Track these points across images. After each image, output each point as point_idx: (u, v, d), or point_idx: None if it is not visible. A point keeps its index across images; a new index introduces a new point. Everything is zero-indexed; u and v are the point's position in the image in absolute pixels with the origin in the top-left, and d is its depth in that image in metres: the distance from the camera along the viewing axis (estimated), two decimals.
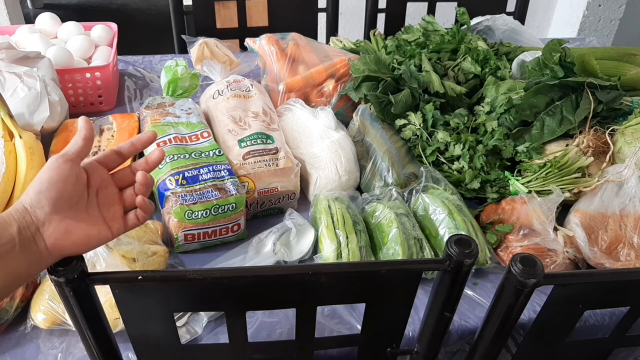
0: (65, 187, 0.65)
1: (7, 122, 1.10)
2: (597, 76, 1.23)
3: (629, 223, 1.03)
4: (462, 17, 1.54)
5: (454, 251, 0.67)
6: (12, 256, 0.62)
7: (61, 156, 0.66)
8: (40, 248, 0.64)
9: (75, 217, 0.66)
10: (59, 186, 0.64)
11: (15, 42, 1.40)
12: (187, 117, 1.17)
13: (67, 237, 0.65)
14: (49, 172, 0.65)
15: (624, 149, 1.15)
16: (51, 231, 0.64)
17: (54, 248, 0.64)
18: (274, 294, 0.73)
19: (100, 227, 0.69)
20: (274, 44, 1.37)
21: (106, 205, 0.70)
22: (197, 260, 1.03)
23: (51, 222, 0.64)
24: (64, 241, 0.65)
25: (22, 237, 0.62)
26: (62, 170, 0.65)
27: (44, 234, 0.64)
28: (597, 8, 2.76)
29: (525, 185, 1.12)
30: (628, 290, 0.78)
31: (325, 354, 0.90)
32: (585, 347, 0.92)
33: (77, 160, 0.67)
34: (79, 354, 0.86)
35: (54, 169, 0.65)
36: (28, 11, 3.48)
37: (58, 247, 0.65)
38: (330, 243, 0.98)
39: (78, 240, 0.66)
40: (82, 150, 0.68)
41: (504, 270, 0.70)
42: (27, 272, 0.65)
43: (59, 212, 0.65)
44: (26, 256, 0.63)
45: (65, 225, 0.65)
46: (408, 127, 1.23)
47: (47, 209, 0.64)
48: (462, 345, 0.97)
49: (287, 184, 1.11)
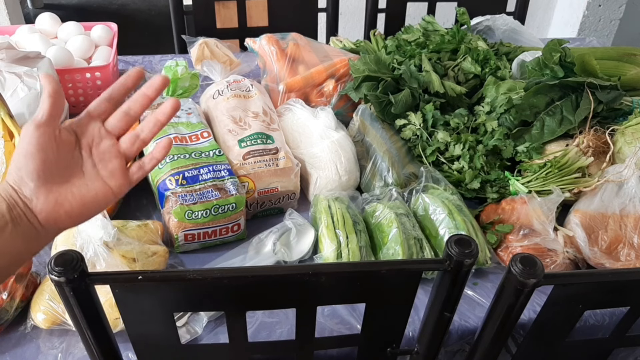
0: (44, 156, 0.59)
1: (7, 122, 1.10)
2: (597, 76, 1.23)
3: (629, 223, 1.03)
4: (462, 17, 1.54)
5: (454, 251, 0.67)
6: (6, 234, 0.58)
7: (30, 123, 0.59)
8: (34, 224, 0.60)
9: (66, 184, 0.61)
10: (36, 157, 0.59)
11: (15, 42, 1.40)
12: (187, 117, 1.17)
13: (59, 209, 0.61)
14: (23, 145, 0.59)
15: (624, 149, 1.15)
16: (40, 206, 0.60)
17: (47, 222, 0.60)
18: (274, 294, 0.73)
19: (98, 187, 0.62)
20: (274, 44, 1.37)
21: (103, 162, 0.63)
22: (197, 260, 1.03)
23: (38, 196, 0.60)
24: (56, 214, 0.61)
25: (12, 214, 0.59)
26: (35, 138, 0.59)
27: (33, 210, 0.60)
28: (597, 8, 2.76)
29: (525, 185, 1.12)
30: (628, 290, 0.78)
31: (325, 354, 0.90)
32: (585, 347, 0.92)
33: (50, 122, 0.60)
34: (79, 354, 0.86)
35: (26, 140, 0.59)
36: (28, 11, 3.48)
37: (51, 220, 0.61)
38: (330, 243, 0.98)
39: (72, 209, 0.61)
40: (52, 109, 0.60)
41: (504, 270, 0.70)
42: (26, 249, 0.61)
43: (45, 184, 0.60)
44: (21, 233, 0.59)
45: (54, 197, 0.60)
46: (408, 127, 1.23)
47: (32, 184, 0.59)
48: (462, 345, 0.97)
49: (287, 184, 1.11)
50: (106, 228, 0.89)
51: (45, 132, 0.59)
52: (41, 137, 0.59)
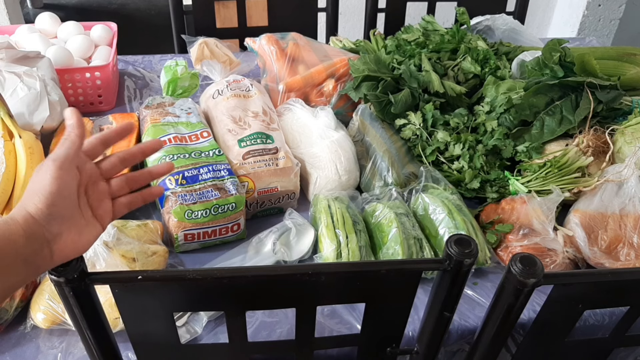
0: (72, 195, 0.61)
1: (7, 121, 1.10)
2: (597, 76, 1.22)
3: (629, 223, 1.03)
4: (462, 16, 1.54)
5: (453, 251, 0.67)
6: (12, 270, 0.58)
7: (65, 160, 0.61)
8: (45, 260, 0.61)
9: (77, 223, 0.63)
10: (67, 196, 0.61)
11: (15, 42, 1.40)
12: (186, 116, 1.17)
13: (73, 247, 0.62)
14: (58, 182, 0.60)
15: (623, 149, 1.15)
16: (61, 245, 0.61)
17: (59, 258, 0.62)
18: (274, 293, 0.73)
19: (94, 225, 0.65)
20: (274, 44, 1.37)
21: (97, 202, 0.66)
22: (197, 260, 1.03)
23: (62, 235, 0.61)
24: (69, 251, 0.62)
25: (27, 250, 0.58)
26: (68, 177, 0.61)
27: (52, 247, 0.60)
28: (597, 8, 2.76)
29: (525, 185, 1.12)
30: (628, 290, 0.78)
31: (325, 354, 0.90)
32: (585, 347, 0.92)
33: (76, 162, 0.63)
34: (79, 354, 0.86)
35: (61, 178, 0.60)
36: (28, 11, 3.48)
37: (63, 257, 0.62)
38: (330, 243, 0.98)
39: (82, 246, 0.64)
40: (79, 148, 0.64)
41: (504, 270, 0.70)
42: (23, 280, 0.61)
43: (67, 223, 0.61)
44: (28, 268, 0.59)
45: (72, 235, 0.62)
46: (408, 126, 1.23)
47: (58, 223, 0.60)
48: (462, 345, 0.97)
49: (287, 183, 1.11)
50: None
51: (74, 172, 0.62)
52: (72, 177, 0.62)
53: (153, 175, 0.74)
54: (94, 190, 0.66)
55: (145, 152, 0.73)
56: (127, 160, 0.70)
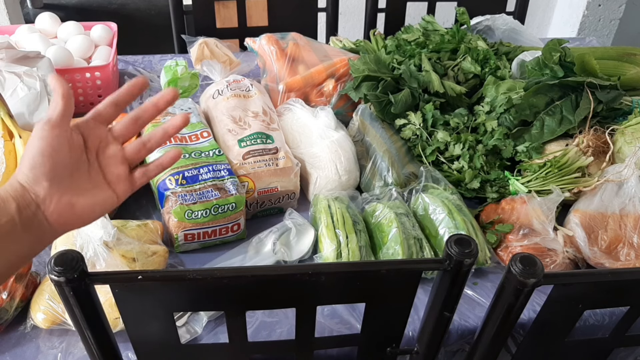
0: (59, 156, 0.59)
1: (7, 121, 1.10)
2: (597, 76, 1.22)
3: (629, 223, 1.03)
4: (462, 16, 1.54)
5: (453, 251, 0.67)
6: (13, 236, 0.57)
7: (46, 123, 0.59)
8: (43, 226, 0.59)
9: (77, 187, 0.61)
10: (53, 157, 0.59)
11: (15, 42, 1.40)
12: None
13: (71, 211, 0.60)
14: (39, 144, 0.58)
15: (623, 149, 1.15)
16: (53, 207, 0.59)
17: (57, 224, 0.60)
18: (274, 293, 0.73)
19: (105, 192, 0.63)
20: (274, 44, 1.37)
21: (109, 167, 0.64)
22: (197, 260, 1.03)
23: (52, 198, 0.59)
24: (67, 216, 0.61)
25: (22, 216, 0.58)
26: (51, 138, 0.58)
27: (45, 212, 0.59)
28: (597, 8, 2.76)
29: (525, 185, 1.12)
30: (628, 290, 0.78)
31: (325, 354, 0.90)
32: (585, 347, 0.92)
33: (64, 123, 0.60)
34: (79, 354, 0.86)
35: (42, 139, 0.58)
36: (28, 11, 3.48)
37: (62, 222, 0.61)
38: (330, 243, 0.98)
39: (82, 212, 0.62)
40: (65, 110, 0.60)
41: (504, 270, 0.70)
42: (30, 250, 0.61)
43: (59, 185, 0.59)
44: (29, 235, 0.59)
45: (68, 198, 0.60)
46: (408, 126, 1.23)
47: (46, 184, 0.59)
48: (462, 345, 0.97)
49: (287, 183, 1.11)
50: (106, 228, 0.89)
51: (60, 133, 0.59)
52: (57, 137, 0.59)
53: (169, 132, 0.67)
54: (106, 155, 0.64)
55: (159, 106, 0.66)
56: (141, 118, 0.66)
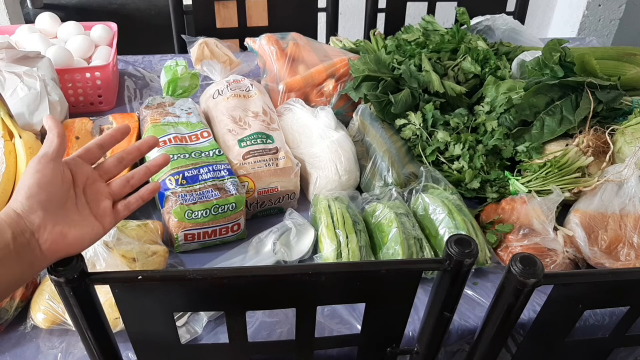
0: (54, 188, 0.64)
1: (7, 122, 1.10)
2: (597, 76, 1.22)
3: (629, 223, 1.03)
4: (462, 16, 1.54)
5: (454, 251, 0.67)
6: (6, 262, 0.60)
7: (42, 157, 0.65)
8: (35, 253, 0.63)
9: (68, 218, 0.65)
10: (48, 188, 0.63)
11: (15, 42, 1.40)
12: (187, 116, 1.17)
13: (62, 240, 0.64)
14: (36, 175, 0.63)
15: (623, 149, 1.15)
16: (46, 236, 0.63)
17: (49, 252, 0.63)
18: (274, 294, 0.73)
19: (93, 224, 0.68)
20: (274, 44, 1.37)
21: (95, 202, 0.69)
22: (197, 260, 1.03)
23: (46, 226, 0.63)
24: (59, 244, 0.64)
25: (16, 243, 0.61)
26: (47, 171, 0.64)
27: (39, 239, 0.63)
28: (597, 8, 2.76)
29: (525, 185, 1.12)
30: (628, 290, 0.78)
31: (325, 354, 0.90)
32: (585, 347, 0.92)
33: (58, 158, 0.66)
34: (79, 354, 0.86)
35: (39, 171, 0.64)
36: (28, 11, 3.48)
37: (53, 250, 0.64)
38: (330, 243, 0.98)
39: (72, 241, 0.65)
40: (60, 147, 0.66)
41: (504, 270, 0.70)
42: (20, 277, 0.63)
43: (52, 216, 0.64)
44: (20, 262, 0.62)
45: (60, 228, 0.64)
46: (408, 126, 1.23)
47: (41, 214, 0.63)
48: (462, 345, 0.97)
49: (287, 183, 1.11)
50: None
51: (55, 167, 0.65)
52: (52, 170, 0.64)
53: (151, 170, 0.75)
54: (92, 191, 0.69)
55: (142, 150, 0.75)
56: (125, 159, 0.74)
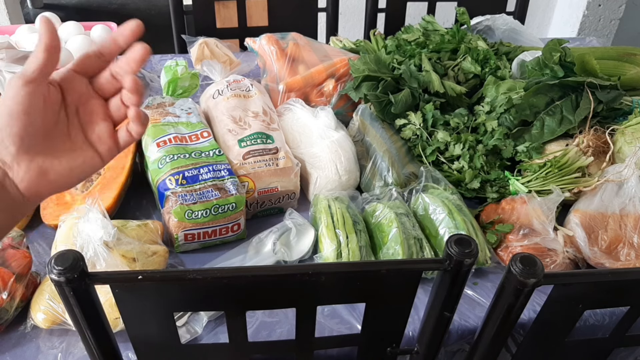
0: (31, 117, 0.52)
1: None
2: (597, 76, 1.23)
3: (629, 223, 1.03)
4: (462, 16, 1.54)
5: (454, 251, 0.67)
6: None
7: (19, 78, 0.52)
8: (13, 194, 0.54)
9: (52, 149, 0.55)
10: (22, 118, 0.52)
11: (15, 42, 1.40)
12: (187, 116, 1.17)
13: (43, 178, 0.55)
14: (7, 103, 0.51)
15: (624, 149, 1.15)
16: (22, 175, 0.54)
17: (28, 192, 0.55)
18: (274, 294, 0.73)
19: (86, 153, 0.57)
20: (274, 44, 1.37)
21: (90, 124, 0.57)
22: (197, 260, 1.03)
23: (20, 163, 0.53)
24: (39, 183, 0.55)
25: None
26: (22, 97, 0.51)
27: (14, 179, 0.54)
28: (597, 8, 2.76)
29: (525, 185, 1.12)
30: (628, 290, 0.78)
31: (325, 354, 0.90)
32: (585, 347, 0.92)
33: (40, 79, 0.52)
34: (79, 354, 0.86)
35: (12, 98, 0.51)
36: (28, 11, 3.48)
37: (34, 190, 0.55)
38: (330, 243, 0.98)
39: (58, 177, 0.56)
40: (45, 65, 0.52)
41: (504, 270, 0.70)
42: (4, 219, 0.55)
43: (29, 149, 0.53)
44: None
45: (39, 164, 0.54)
46: (408, 126, 1.23)
47: (13, 149, 0.53)
48: (462, 345, 0.97)
49: (287, 183, 1.11)
50: (106, 228, 0.89)
51: (34, 90, 0.52)
52: (29, 95, 0.52)
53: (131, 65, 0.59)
54: (85, 110, 0.57)
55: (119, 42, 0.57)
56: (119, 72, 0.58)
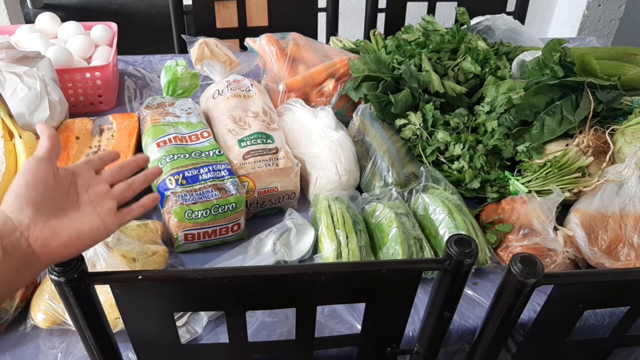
0: (44, 188, 0.64)
1: (7, 122, 1.10)
2: (597, 76, 1.23)
3: (629, 223, 1.03)
4: (462, 16, 1.54)
5: (454, 251, 0.67)
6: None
7: (32, 158, 0.66)
8: (27, 253, 0.62)
9: (63, 217, 0.65)
10: (37, 188, 0.64)
11: (15, 42, 1.40)
12: (187, 116, 1.17)
13: (55, 239, 0.63)
14: (25, 176, 0.64)
15: (624, 149, 1.15)
16: (37, 234, 0.62)
17: (41, 252, 0.63)
18: (274, 294, 0.73)
19: (94, 221, 0.67)
20: (274, 44, 1.37)
21: (99, 200, 0.69)
22: (197, 260, 1.03)
23: (36, 225, 0.63)
24: (51, 243, 0.63)
25: (4, 243, 0.60)
26: (37, 171, 0.65)
27: (29, 239, 0.62)
28: (597, 8, 2.76)
29: (525, 185, 1.12)
30: (628, 290, 0.78)
31: (325, 354, 0.90)
32: (585, 347, 0.92)
33: (49, 159, 0.67)
34: (79, 354, 0.86)
35: (28, 172, 0.64)
36: (28, 11, 3.48)
37: (46, 250, 0.63)
38: (330, 243, 0.98)
39: (68, 240, 0.64)
40: (51, 149, 0.67)
41: (504, 270, 0.70)
42: (17, 279, 0.63)
43: (43, 214, 0.63)
44: (12, 263, 0.61)
45: (51, 226, 0.64)
46: (408, 126, 1.23)
47: (30, 212, 0.63)
48: (462, 345, 0.97)
49: (287, 183, 1.11)
50: None
51: (46, 167, 0.66)
52: (42, 170, 0.65)
53: (149, 177, 0.77)
54: (94, 191, 0.70)
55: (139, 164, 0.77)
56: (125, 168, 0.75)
